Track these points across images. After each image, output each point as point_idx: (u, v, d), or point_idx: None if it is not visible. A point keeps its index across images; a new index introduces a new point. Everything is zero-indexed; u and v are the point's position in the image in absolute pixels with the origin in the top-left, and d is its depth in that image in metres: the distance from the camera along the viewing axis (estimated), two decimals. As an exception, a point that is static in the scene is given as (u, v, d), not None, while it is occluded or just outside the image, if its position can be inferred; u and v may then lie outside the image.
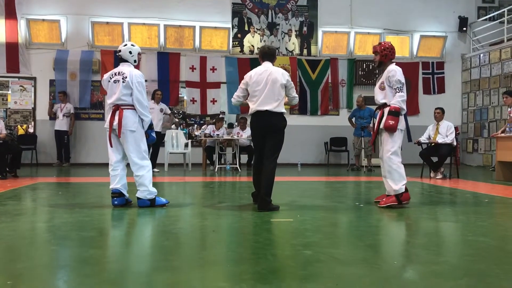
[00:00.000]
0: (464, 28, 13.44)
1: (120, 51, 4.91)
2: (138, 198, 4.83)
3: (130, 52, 4.93)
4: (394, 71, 4.95)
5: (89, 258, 2.86)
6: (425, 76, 13.50)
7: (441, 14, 13.44)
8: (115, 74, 4.84)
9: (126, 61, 4.92)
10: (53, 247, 3.24)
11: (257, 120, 4.83)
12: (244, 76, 4.98)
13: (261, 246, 3.24)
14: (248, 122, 5.12)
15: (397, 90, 4.91)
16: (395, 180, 4.94)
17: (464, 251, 3.23)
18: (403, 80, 4.94)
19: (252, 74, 4.87)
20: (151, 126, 4.94)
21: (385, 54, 5.07)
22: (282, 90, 4.80)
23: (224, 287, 2.32)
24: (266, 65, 4.89)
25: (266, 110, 4.73)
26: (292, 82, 4.92)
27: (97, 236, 3.60)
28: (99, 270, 2.64)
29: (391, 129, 4.90)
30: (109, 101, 4.85)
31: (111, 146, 4.84)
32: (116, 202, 4.85)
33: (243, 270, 2.62)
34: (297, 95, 5.04)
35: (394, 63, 5.10)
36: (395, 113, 4.87)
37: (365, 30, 13.19)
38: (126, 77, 4.74)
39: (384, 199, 5.08)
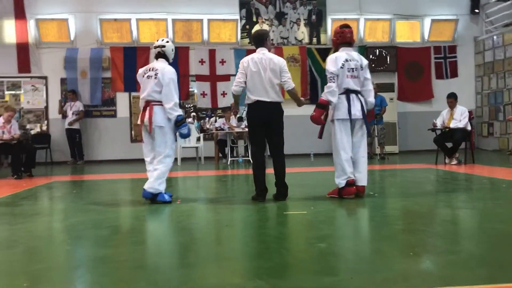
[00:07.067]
0: (476, 10, 13.16)
1: (163, 46, 4.91)
2: (144, 189, 4.81)
3: (173, 50, 5.00)
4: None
5: (104, 257, 2.88)
6: (437, 61, 13.28)
7: (452, -4, 13.18)
8: (149, 69, 4.88)
9: (162, 57, 4.92)
10: (69, 247, 3.27)
11: (257, 110, 4.73)
12: (241, 62, 4.81)
13: (275, 240, 3.23)
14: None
15: (328, 81, 4.77)
16: (337, 173, 4.86)
17: (481, 239, 3.18)
18: (332, 69, 4.74)
19: (250, 62, 4.73)
20: (181, 122, 4.82)
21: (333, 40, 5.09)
22: (279, 79, 4.72)
23: (239, 284, 2.31)
24: (262, 52, 4.77)
25: (266, 101, 4.66)
26: (286, 68, 4.75)
27: (111, 235, 3.62)
28: (115, 268, 2.66)
29: (313, 121, 4.82)
30: (141, 96, 4.94)
31: (143, 142, 4.90)
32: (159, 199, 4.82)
33: (257, 266, 2.61)
34: (289, 80, 4.75)
35: (341, 49, 5.00)
36: (319, 105, 4.80)
37: (375, 16, 12.99)
38: (158, 73, 4.77)
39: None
